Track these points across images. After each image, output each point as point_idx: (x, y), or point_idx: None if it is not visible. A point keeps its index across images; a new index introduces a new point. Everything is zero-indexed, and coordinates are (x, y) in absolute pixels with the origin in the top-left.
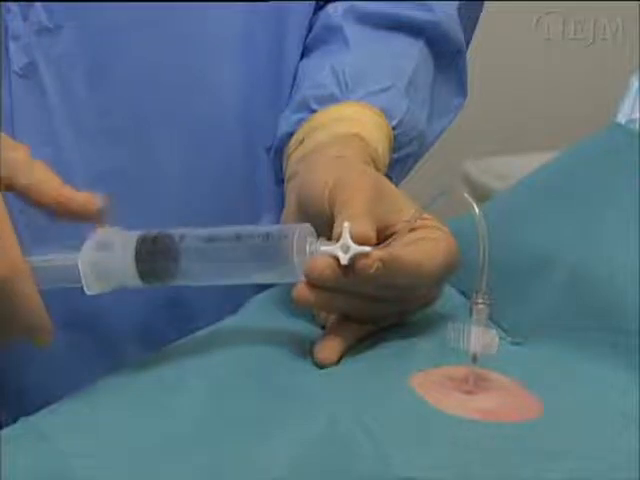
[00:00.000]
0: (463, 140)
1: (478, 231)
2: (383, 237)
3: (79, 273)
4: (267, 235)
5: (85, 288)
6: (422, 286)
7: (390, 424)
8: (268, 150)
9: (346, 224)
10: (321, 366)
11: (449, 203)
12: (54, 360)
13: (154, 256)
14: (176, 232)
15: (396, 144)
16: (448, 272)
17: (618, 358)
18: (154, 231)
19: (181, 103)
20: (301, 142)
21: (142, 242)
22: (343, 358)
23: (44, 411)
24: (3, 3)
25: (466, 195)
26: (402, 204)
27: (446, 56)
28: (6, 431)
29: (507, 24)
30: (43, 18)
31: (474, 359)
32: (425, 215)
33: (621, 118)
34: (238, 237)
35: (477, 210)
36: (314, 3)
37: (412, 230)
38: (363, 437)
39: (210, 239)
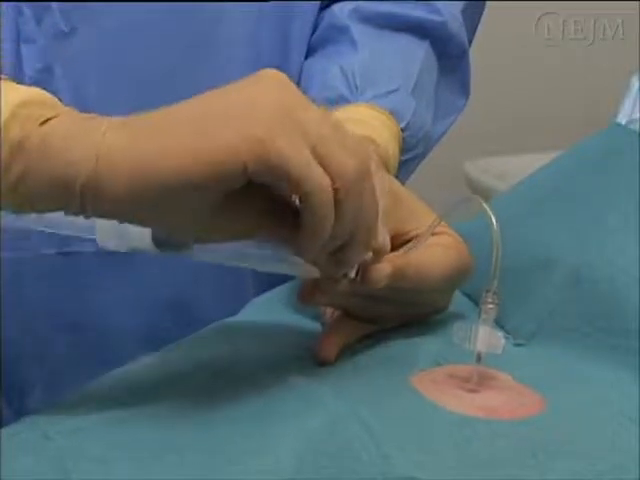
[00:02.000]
0: (463, 140)
1: (493, 237)
2: (400, 242)
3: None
4: None
5: (98, 241)
6: (430, 292)
7: (391, 422)
8: None
9: None
10: (320, 363)
11: (450, 205)
12: (57, 359)
13: None
14: None
15: (404, 146)
16: (458, 279)
17: (619, 359)
18: None
19: None
20: None
21: None
22: (345, 356)
23: (46, 410)
24: (14, 6)
25: (483, 204)
26: (418, 210)
27: (450, 57)
28: (7, 430)
29: (507, 24)
30: (59, 21)
31: (478, 358)
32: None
33: (621, 118)
34: None
35: (494, 220)
36: (318, 3)
37: None
38: (364, 436)
39: None
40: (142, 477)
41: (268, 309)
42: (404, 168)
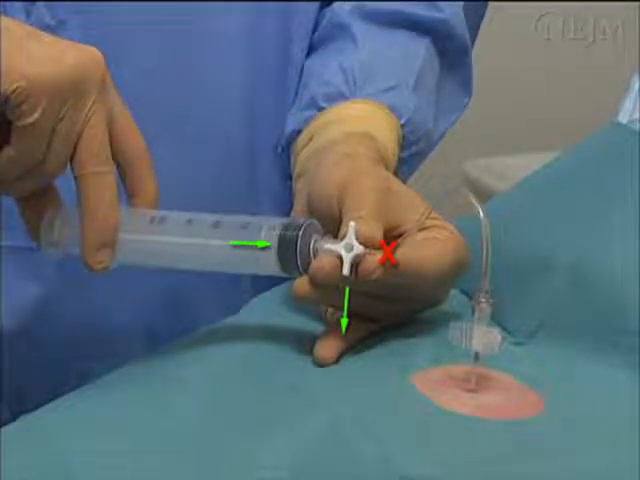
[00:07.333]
0: (463, 140)
1: (482, 231)
2: (393, 236)
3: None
4: (245, 225)
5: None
6: (427, 287)
7: (392, 422)
8: (275, 148)
9: (352, 223)
10: (320, 364)
11: (452, 203)
12: (57, 360)
13: None
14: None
15: (405, 142)
16: (456, 273)
17: (619, 358)
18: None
19: (184, 101)
20: (310, 139)
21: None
22: (345, 356)
23: (44, 408)
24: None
25: (471, 197)
26: (412, 203)
27: (452, 55)
28: (6, 428)
29: (507, 24)
30: (45, 15)
31: (476, 358)
32: (435, 215)
33: (622, 118)
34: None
35: (481, 212)
36: (318, 2)
37: (421, 230)
38: (365, 436)
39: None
40: (142, 472)
41: (268, 309)
42: (406, 165)
